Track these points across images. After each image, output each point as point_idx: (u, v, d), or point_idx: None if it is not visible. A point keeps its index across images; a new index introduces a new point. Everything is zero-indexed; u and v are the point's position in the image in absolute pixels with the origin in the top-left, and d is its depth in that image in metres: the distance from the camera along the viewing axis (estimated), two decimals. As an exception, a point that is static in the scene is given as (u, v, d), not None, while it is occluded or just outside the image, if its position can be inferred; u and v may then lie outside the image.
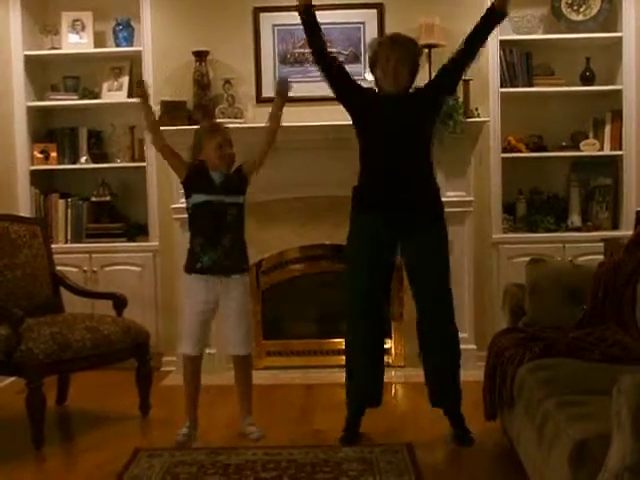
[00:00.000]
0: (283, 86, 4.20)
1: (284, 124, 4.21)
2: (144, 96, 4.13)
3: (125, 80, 5.70)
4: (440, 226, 4.02)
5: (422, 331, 4.05)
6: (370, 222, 3.96)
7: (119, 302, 4.65)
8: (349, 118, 4.09)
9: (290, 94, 4.23)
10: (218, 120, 5.34)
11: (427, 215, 3.99)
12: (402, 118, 3.90)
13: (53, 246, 5.03)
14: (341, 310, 4.23)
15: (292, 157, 5.18)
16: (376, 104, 3.98)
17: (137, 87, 4.26)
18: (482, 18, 3.97)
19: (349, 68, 4.17)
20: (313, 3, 4.08)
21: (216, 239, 4.00)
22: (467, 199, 5.30)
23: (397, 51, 3.87)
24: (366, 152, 3.99)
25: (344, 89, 4.04)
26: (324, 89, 5.47)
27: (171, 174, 5.34)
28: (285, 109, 5.43)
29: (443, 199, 4.13)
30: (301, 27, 5.38)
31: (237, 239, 4.07)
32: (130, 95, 5.65)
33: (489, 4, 5.33)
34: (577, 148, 5.55)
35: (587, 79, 5.52)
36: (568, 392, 2.84)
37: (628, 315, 3.63)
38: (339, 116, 4.27)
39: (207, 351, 4.34)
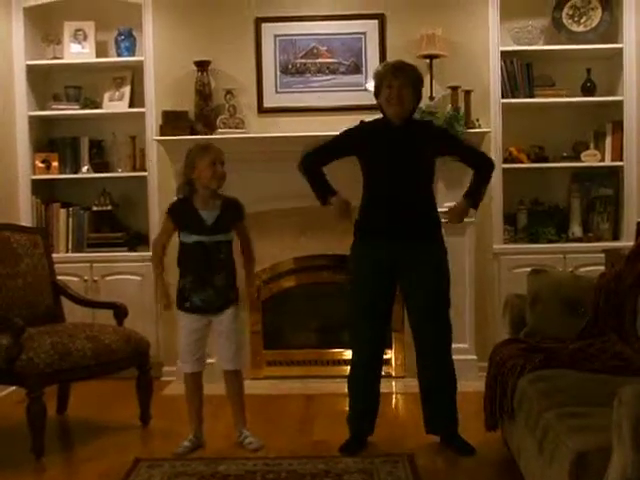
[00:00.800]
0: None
1: (283, 135, 4.21)
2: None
3: (127, 90, 5.70)
4: (441, 259, 4.02)
5: (419, 363, 4.08)
6: (370, 253, 3.98)
7: (120, 311, 4.65)
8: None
9: (289, 104, 4.24)
10: (220, 130, 5.36)
11: (428, 247, 3.99)
12: (404, 149, 3.92)
13: (54, 255, 5.03)
14: (341, 320, 4.23)
15: (291, 168, 5.18)
16: (378, 136, 3.98)
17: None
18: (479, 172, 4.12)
19: (350, 78, 4.17)
20: (311, 14, 4.10)
21: (208, 279, 4.02)
22: (468, 209, 5.30)
23: (400, 77, 3.89)
24: (368, 182, 4.02)
25: (350, 154, 4.06)
26: (324, 100, 5.51)
27: (172, 184, 5.36)
28: (284, 119, 5.47)
29: (444, 209, 4.14)
30: (303, 37, 5.47)
31: (228, 276, 4.09)
32: (131, 105, 5.67)
33: (490, 15, 5.40)
34: (578, 159, 5.55)
35: (588, 90, 5.52)
36: (569, 403, 2.84)
37: (629, 326, 3.63)
38: (337, 126, 4.27)
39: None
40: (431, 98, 5.25)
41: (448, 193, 5.18)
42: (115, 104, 5.69)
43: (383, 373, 4.21)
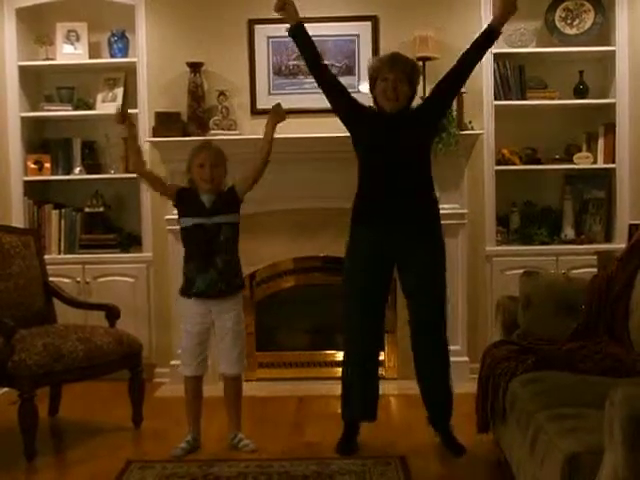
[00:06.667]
0: (279, 110, 4.16)
1: (278, 136, 4.20)
2: (125, 121, 4.14)
3: (120, 91, 5.68)
4: (438, 245, 4.03)
5: (415, 347, 4.08)
6: (368, 235, 3.97)
7: (112, 313, 4.64)
8: (343, 130, 4.10)
9: (284, 106, 4.22)
10: (212, 132, 5.34)
11: (426, 233, 4.00)
12: (402, 136, 3.91)
13: (46, 257, 5.02)
14: (334, 322, 4.22)
15: (286, 169, 5.18)
16: (375, 122, 3.99)
17: (118, 113, 4.16)
18: (480, 36, 3.96)
19: (343, 80, 4.18)
20: (304, 16, 4.10)
21: (209, 261, 3.99)
22: (461, 211, 5.30)
23: (396, 70, 3.88)
24: (365, 168, 4.01)
25: (342, 103, 4.06)
26: (318, 101, 5.47)
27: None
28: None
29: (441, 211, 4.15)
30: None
31: (231, 259, 4.05)
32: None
33: (484, 18, 5.41)
34: (570, 161, 5.56)
35: (580, 92, 5.53)
36: (560, 405, 2.84)
37: (621, 328, 3.64)
38: (333, 128, 4.27)
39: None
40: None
41: (443, 196, 5.18)
42: (108, 105, 5.67)
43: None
